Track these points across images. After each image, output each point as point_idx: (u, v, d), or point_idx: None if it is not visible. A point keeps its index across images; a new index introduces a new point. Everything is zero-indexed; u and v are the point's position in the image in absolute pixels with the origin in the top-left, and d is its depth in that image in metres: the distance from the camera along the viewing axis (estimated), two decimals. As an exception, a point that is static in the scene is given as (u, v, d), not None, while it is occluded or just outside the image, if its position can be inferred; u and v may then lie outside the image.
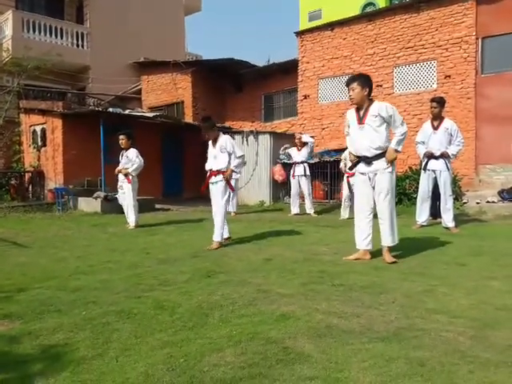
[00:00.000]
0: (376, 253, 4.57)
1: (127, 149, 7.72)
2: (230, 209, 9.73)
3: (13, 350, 2.42)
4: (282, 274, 3.92)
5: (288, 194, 10.26)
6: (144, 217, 9.27)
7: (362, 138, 4.42)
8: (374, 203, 4.49)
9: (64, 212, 10.28)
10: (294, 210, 9.35)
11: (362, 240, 4.52)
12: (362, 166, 4.51)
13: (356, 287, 3.43)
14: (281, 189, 11.49)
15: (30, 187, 12.74)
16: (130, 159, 7.63)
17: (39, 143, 12.67)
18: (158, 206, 11.04)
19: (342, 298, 3.15)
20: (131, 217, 7.63)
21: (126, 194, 7.72)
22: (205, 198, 11.64)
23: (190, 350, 2.33)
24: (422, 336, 2.45)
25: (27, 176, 12.81)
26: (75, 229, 7.56)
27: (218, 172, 5.62)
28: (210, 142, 5.77)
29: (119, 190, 7.88)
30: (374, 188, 4.45)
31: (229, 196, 5.81)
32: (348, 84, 4.48)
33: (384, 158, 4.36)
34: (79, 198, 10.77)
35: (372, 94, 4.51)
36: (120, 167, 7.73)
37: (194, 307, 3.03)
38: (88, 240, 6.36)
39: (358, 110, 4.47)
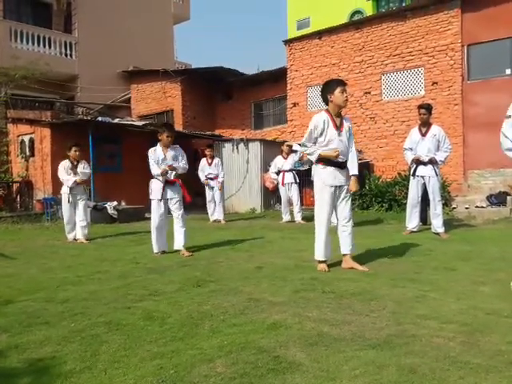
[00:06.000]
0: (365, 259, 4.58)
1: (79, 160, 7.42)
2: (217, 216, 9.73)
3: (-1, 364, 2.37)
4: (273, 282, 3.90)
5: (279, 201, 10.27)
6: (133, 226, 9.23)
7: (340, 143, 4.36)
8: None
9: (53, 222, 10.17)
10: (286, 217, 9.36)
11: (329, 250, 4.44)
12: (331, 178, 4.36)
13: (347, 294, 3.43)
14: (272, 196, 11.49)
15: (19, 197, 12.60)
16: (86, 171, 7.41)
17: (27, 153, 12.56)
18: (147, 214, 10.96)
19: (332, 306, 3.14)
20: (86, 230, 7.33)
21: (81, 207, 7.39)
22: (196, 206, 11.65)
23: (180, 360, 2.30)
24: (413, 342, 2.45)
25: (15, 186, 12.67)
26: (64, 239, 7.48)
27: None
28: (162, 150, 5.85)
29: (67, 203, 7.37)
30: (337, 196, 4.43)
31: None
32: (345, 84, 4.43)
33: (347, 167, 4.44)
34: (68, 208, 10.66)
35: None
36: (82, 179, 7.36)
37: (184, 317, 3.00)
38: (77, 250, 6.29)
39: (331, 116, 4.37)
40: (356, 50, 11.88)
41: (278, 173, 9.51)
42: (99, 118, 12.65)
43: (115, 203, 10.41)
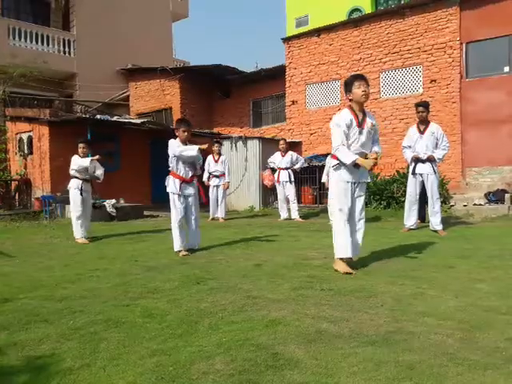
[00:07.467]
0: (363, 256, 4.59)
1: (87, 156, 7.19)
2: (217, 214, 9.72)
3: (-2, 361, 2.37)
4: (272, 280, 3.91)
5: (277, 198, 10.28)
6: (132, 224, 9.22)
7: (359, 142, 4.16)
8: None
9: (51, 220, 10.17)
10: (283, 214, 9.37)
11: (349, 248, 4.17)
12: (346, 174, 4.19)
13: (345, 291, 3.44)
14: (270, 194, 11.50)
15: (17, 195, 12.59)
16: (99, 168, 7.26)
17: (26, 151, 12.54)
18: (146, 212, 10.98)
19: (331, 303, 3.15)
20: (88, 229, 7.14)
21: (89, 204, 7.29)
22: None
23: (179, 358, 2.31)
24: (411, 339, 2.46)
25: (13, 184, 12.65)
26: (62, 237, 7.47)
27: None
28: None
29: (80, 202, 7.03)
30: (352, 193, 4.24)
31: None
32: (363, 78, 4.21)
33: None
34: (66, 206, 10.65)
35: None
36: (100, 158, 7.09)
37: (183, 315, 3.00)
38: (75, 248, 6.29)
39: (354, 113, 4.18)
40: (354, 48, 11.88)
41: (274, 170, 9.53)
42: (98, 116, 12.64)
43: (114, 201, 10.40)
